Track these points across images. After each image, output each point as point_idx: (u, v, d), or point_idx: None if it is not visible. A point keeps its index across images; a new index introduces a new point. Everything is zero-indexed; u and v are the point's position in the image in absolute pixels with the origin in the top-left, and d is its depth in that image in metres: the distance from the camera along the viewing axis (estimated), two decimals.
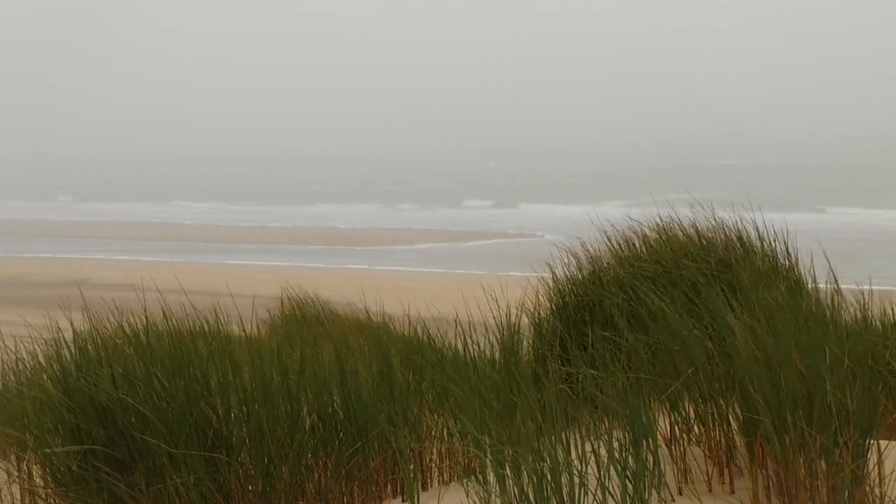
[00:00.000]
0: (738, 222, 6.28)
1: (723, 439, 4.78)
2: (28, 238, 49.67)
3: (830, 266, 5.17)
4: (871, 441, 4.32)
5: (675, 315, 4.96)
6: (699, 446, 4.90)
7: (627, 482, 4.14)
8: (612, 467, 4.16)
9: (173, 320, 5.48)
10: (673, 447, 4.85)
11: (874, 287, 5.26)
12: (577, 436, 4.24)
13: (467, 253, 39.47)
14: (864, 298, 5.07)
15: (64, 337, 5.21)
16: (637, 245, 6.65)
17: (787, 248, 6.05)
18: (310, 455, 5.16)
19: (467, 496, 4.17)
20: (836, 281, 5.04)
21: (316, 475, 5.19)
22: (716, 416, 4.80)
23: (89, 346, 5.10)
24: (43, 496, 5.09)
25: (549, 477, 3.90)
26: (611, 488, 4.10)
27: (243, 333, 5.63)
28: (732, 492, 4.68)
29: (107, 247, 44.11)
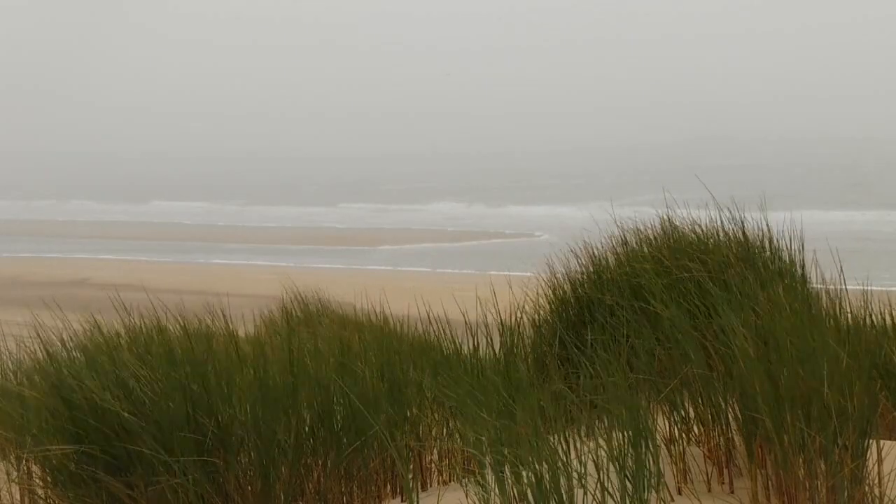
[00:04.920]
0: (739, 222, 6.28)
1: (722, 439, 4.78)
2: (28, 238, 49.64)
3: (829, 265, 5.17)
4: (871, 441, 4.32)
5: (674, 315, 4.96)
6: (698, 446, 4.90)
7: (627, 482, 4.14)
8: (611, 467, 4.16)
9: (172, 320, 5.48)
10: (672, 447, 4.85)
11: (874, 287, 5.26)
12: (577, 436, 4.24)
13: (466, 253, 39.44)
14: (864, 298, 5.07)
15: (60, 337, 5.21)
16: (637, 244, 6.65)
17: (787, 248, 6.05)
18: (309, 455, 5.16)
19: (466, 496, 4.17)
20: (836, 280, 5.05)
21: (315, 475, 5.19)
22: (715, 416, 4.80)
23: (86, 347, 5.10)
24: (42, 496, 5.09)
25: (548, 477, 3.90)
26: (610, 488, 4.10)
27: (243, 333, 5.63)
28: (732, 492, 4.68)
29: (107, 247, 44.08)
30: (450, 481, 5.47)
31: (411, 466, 5.29)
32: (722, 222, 6.33)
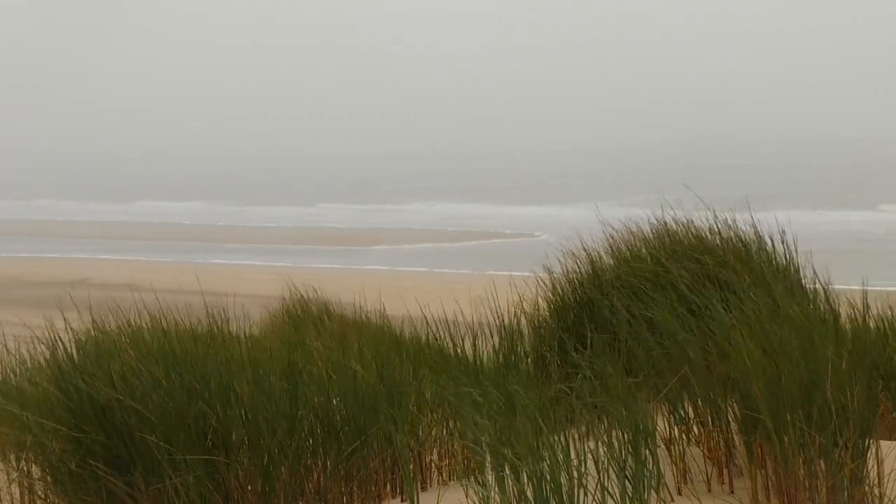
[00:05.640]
0: (738, 222, 6.28)
1: (722, 439, 4.78)
2: (28, 238, 49.63)
3: (828, 265, 5.17)
4: (870, 441, 4.32)
5: (673, 316, 4.96)
6: (698, 446, 4.90)
7: (627, 482, 4.14)
8: (611, 468, 4.16)
9: (172, 320, 5.48)
10: (672, 447, 4.85)
11: (874, 287, 5.26)
12: (577, 436, 4.24)
13: (466, 253, 39.42)
14: (864, 298, 5.07)
15: (62, 337, 5.21)
16: (636, 245, 6.65)
17: (786, 248, 6.05)
18: (309, 455, 5.16)
19: (466, 496, 4.17)
20: (835, 280, 5.05)
21: (315, 475, 5.19)
22: (715, 416, 4.80)
23: (87, 346, 5.10)
24: (42, 496, 5.09)
25: (548, 477, 3.90)
26: (610, 488, 4.10)
27: (243, 333, 5.62)
28: (732, 492, 4.68)
29: (106, 247, 44.07)
30: (450, 481, 5.47)
31: (411, 466, 5.29)
32: (721, 223, 6.33)
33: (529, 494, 3.90)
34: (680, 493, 4.68)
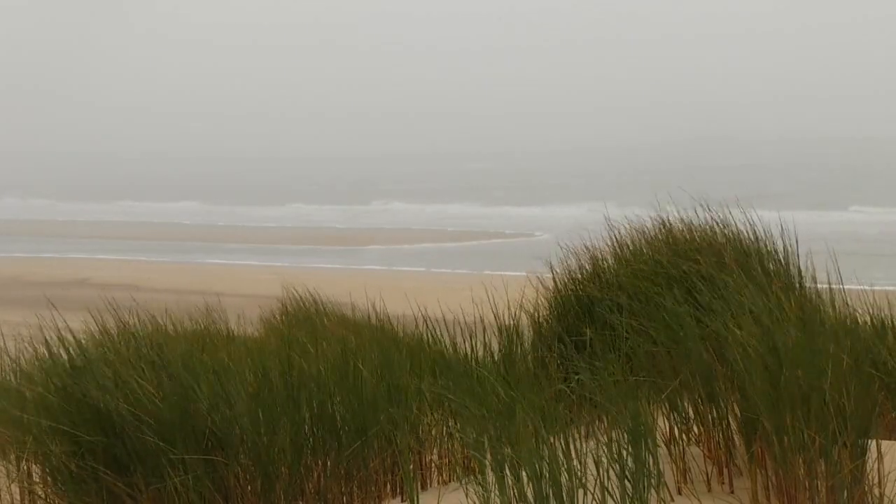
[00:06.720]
0: (738, 222, 6.28)
1: (722, 439, 4.78)
2: (27, 238, 49.63)
3: (827, 266, 5.17)
4: (870, 441, 4.32)
5: (673, 315, 4.96)
6: (698, 446, 4.90)
7: (626, 482, 4.15)
8: (611, 468, 4.16)
9: (172, 320, 5.49)
10: (672, 447, 4.85)
11: (873, 287, 5.26)
12: (577, 436, 4.24)
13: (466, 253, 39.41)
14: (863, 298, 5.08)
15: (62, 337, 5.21)
16: (636, 244, 6.65)
17: (785, 248, 6.05)
18: (309, 455, 5.16)
19: (466, 496, 4.18)
20: (834, 280, 5.05)
21: (315, 475, 5.19)
22: (715, 416, 4.80)
23: (87, 347, 5.10)
24: (42, 496, 5.09)
25: (547, 477, 3.90)
26: (610, 488, 4.10)
27: (243, 333, 5.62)
28: (732, 492, 4.68)
29: (106, 247, 44.06)
30: (450, 481, 5.47)
31: (411, 466, 5.29)
32: (720, 223, 6.33)
33: (529, 494, 3.91)
34: (680, 493, 4.69)
